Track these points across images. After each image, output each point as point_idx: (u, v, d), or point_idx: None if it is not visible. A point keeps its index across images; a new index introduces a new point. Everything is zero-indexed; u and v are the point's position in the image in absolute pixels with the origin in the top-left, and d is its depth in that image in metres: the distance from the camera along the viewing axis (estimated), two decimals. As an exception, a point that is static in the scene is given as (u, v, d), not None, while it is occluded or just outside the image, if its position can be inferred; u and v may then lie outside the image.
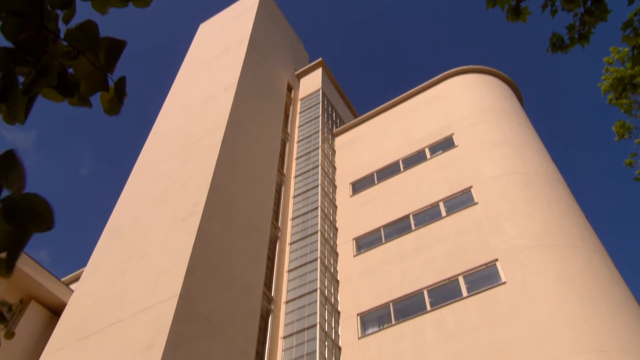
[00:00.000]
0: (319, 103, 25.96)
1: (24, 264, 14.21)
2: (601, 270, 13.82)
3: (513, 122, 20.22)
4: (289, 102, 26.58)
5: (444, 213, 17.30)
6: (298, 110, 26.79)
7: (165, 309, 12.13)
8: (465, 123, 20.32)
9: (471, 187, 17.44)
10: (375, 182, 20.66)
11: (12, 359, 13.20)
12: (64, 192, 59.52)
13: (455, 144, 19.65)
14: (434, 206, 17.81)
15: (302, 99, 27.41)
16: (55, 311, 14.84)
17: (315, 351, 14.43)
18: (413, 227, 17.59)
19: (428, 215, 17.71)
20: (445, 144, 20.06)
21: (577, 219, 15.76)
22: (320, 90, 26.84)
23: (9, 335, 4.08)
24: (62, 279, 16.12)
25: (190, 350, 11.82)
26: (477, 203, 16.76)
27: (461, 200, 17.33)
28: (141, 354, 11.39)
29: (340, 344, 15.56)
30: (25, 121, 2.71)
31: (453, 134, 20.16)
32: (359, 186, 21.19)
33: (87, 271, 15.86)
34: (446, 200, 17.68)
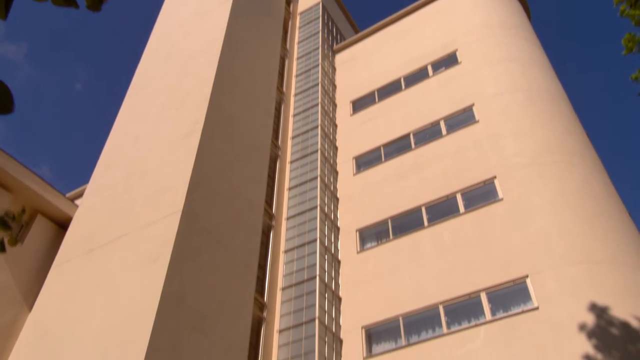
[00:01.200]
0: (318, 17, 25.01)
1: (28, 179, 14.38)
2: (598, 186, 14.00)
3: (520, 37, 19.57)
4: (287, 17, 25.61)
5: (444, 132, 17.24)
6: (297, 25, 25.87)
7: (168, 223, 12.44)
8: (470, 38, 19.69)
9: (473, 105, 17.24)
10: (376, 100, 20.39)
11: (24, 270, 13.73)
12: (60, 108, 58.96)
13: (459, 60, 19.17)
14: (435, 125, 17.71)
15: (301, 13, 26.39)
16: (62, 225, 15.24)
17: (315, 264, 14.99)
18: (413, 146, 17.60)
19: (428, 134, 17.66)
20: (449, 61, 19.57)
21: (578, 136, 15.72)
22: (320, 3, 25.76)
23: (13, 242, 4.20)
24: (66, 195, 16.38)
25: (194, 263, 12.26)
26: (478, 121, 16.66)
27: (462, 119, 17.21)
28: (147, 267, 11.83)
29: (339, 258, 16.13)
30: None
31: (457, 50, 19.60)
32: (359, 105, 20.95)
33: (90, 188, 16.11)
34: (447, 119, 17.55)
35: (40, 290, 13.52)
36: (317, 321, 13.64)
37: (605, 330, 10.58)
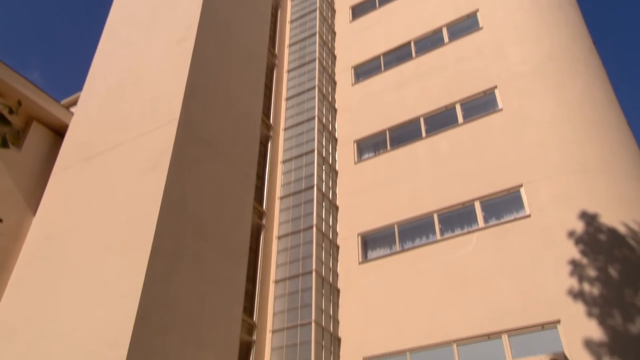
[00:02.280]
0: None
1: (21, 85, 14.09)
2: (599, 95, 13.84)
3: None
4: None
5: (446, 39, 16.70)
6: None
7: (165, 132, 12.38)
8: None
9: (477, 10, 16.55)
10: (377, 6, 19.53)
11: (24, 176, 13.87)
12: (45, 10, 56.38)
13: (465, -38, 18.10)
14: (437, 32, 17.12)
15: None
16: (58, 132, 15.18)
17: (313, 174, 15.15)
18: (413, 55, 17.13)
19: (430, 42, 17.12)
20: (454, -37, 18.48)
21: (584, 42, 15.27)
22: None
23: (16, 137, 4.17)
24: (61, 102, 16.16)
25: (193, 172, 12.36)
26: (481, 28, 16.08)
27: (465, 25, 16.60)
28: (147, 174, 11.94)
29: (337, 169, 16.28)
30: None
31: (463, -49, 18.44)
32: (359, 10, 20.09)
33: (84, 94, 15.86)
34: (450, 26, 16.93)
35: (42, 195, 13.77)
36: (314, 228, 14.04)
37: (593, 236, 10.95)
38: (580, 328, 10.00)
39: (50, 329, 10.61)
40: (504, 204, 12.69)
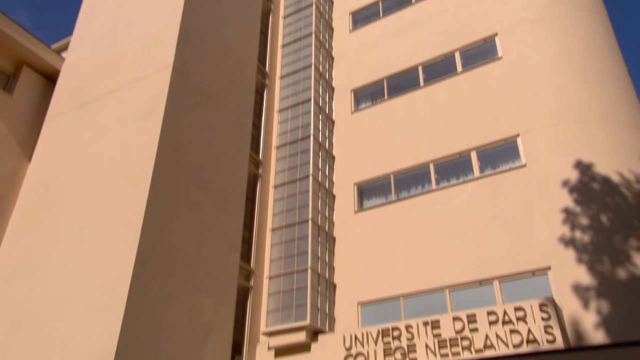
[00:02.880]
0: None
1: (9, 28, 13.71)
2: (601, 43, 13.58)
3: None
4: None
5: (447, -16, 16.18)
6: None
7: (159, 79, 12.18)
8: None
9: (480, -46, 15.96)
10: (376, -51, 18.77)
11: (17, 122, 13.73)
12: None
13: None
14: (438, -23, 16.55)
15: None
16: (50, 78, 14.91)
17: (309, 124, 15.05)
18: (413, 1, 16.66)
19: (430, -13, 16.59)
20: None
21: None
22: None
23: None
24: (51, 47, 15.77)
25: (188, 120, 12.26)
26: (484, -27, 15.56)
27: (467, -30, 16.04)
28: (141, 121, 11.83)
29: (333, 118, 16.16)
30: None
31: None
32: (358, -46, 19.32)
33: (75, 39, 15.47)
34: (451, -30, 16.36)
35: (37, 142, 13.69)
36: (310, 178, 14.09)
37: (587, 185, 11.04)
38: (569, 274, 10.25)
39: (51, 274, 10.80)
40: (500, 154, 12.71)
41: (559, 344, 9.25)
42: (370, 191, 14.45)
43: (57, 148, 13.12)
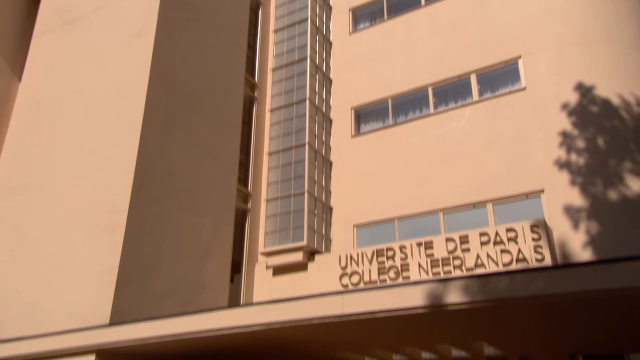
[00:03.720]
0: None
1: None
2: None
3: None
4: None
5: None
6: None
7: (149, -4, 11.66)
8: None
9: None
10: None
11: (3, 41, 13.30)
12: None
13: None
14: None
15: None
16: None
17: (306, 45, 14.62)
18: None
19: None
20: None
21: None
22: None
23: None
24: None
25: (181, 39, 11.88)
26: None
27: None
28: (132, 41, 11.47)
29: (331, 39, 15.69)
30: None
31: None
32: None
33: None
34: None
35: (26, 61, 13.33)
36: (307, 101, 13.90)
37: (586, 108, 10.95)
38: (562, 197, 10.41)
39: (50, 194, 10.93)
40: (500, 77, 12.48)
41: (548, 262, 9.58)
42: (367, 115, 14.33)
43: (47, 67, 12.80)
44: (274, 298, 8.92)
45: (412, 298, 6.46)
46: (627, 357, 9.18)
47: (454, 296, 6.21)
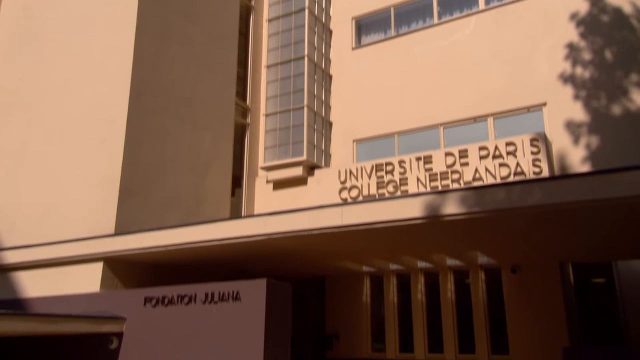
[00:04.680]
0: None
1: None
2: None
3: None
4: None
5: None
6: None
7: None
8: None
9: None
10: None
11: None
12: None
13: None
14: None
15: None
16: None
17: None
18: None
19: None
20: None
21: None
22: None
23: None
24: None
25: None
26: None
27: None
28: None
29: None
30: None
31: None
32: None
33: None
34: None
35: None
36: (306, 11, 13.35)
37: (595, 17, 10.52)
38: (564, 110, 10.31)
39: (48, 106, 10.81)
40: (508, -15, 11.89)
41: (545, 176, 9.67)
42: (368, 26, 13.82)
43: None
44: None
45: (410, 209, 6.59)
46: (614, 264, 9.56)
47: (451, 207, 6.34)
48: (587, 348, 8.94)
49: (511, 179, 9.90)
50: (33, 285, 8.97)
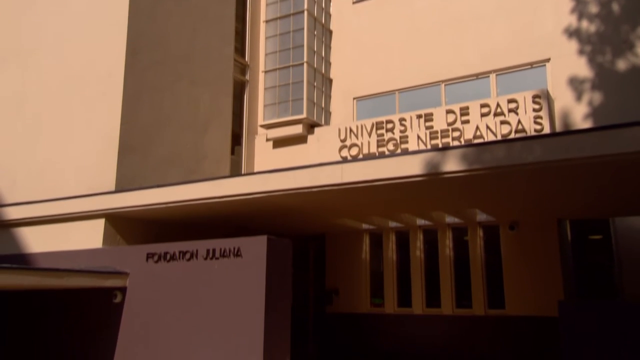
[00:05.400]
0: None
1: None
2: None
3: None
4: None
5: None
6: None
7: None
8: None
9: None
10: None
11: None
12: None
13: None
14: None
15: None
16: None
17: None
18: None
19: None
20: None
21: None
22: None
23: None
24: None
25: None
26: None
27: None
28: None
29: None
30: None
31: None
32: None
33: None
34: None
35: None
36: (306, -37, 12.93)
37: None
38: (568, 66, 10.15)
39: (44, 60, 10.65)
40: None
41: (546, 132, 9.62)
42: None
43: None
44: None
45: (410, 167, 6.58)
46: (612, 221, 9.64)
47: (451, 165, 6.32)
48: (582, 301, 9.13)
49: (512, 136, 9.85)
50: (36, 241, 9.08)
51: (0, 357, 8.76)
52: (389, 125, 11.37)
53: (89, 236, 8.49)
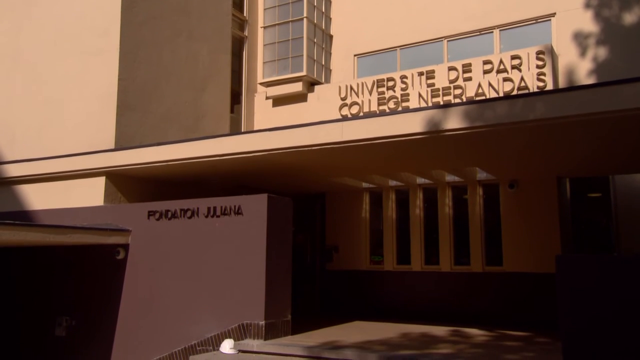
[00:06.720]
0: None
1: None
2: None
3: None
4: None
5: None
6: None
7: None
8: None
9: None
10: None
11: None
12: None
13: None
14: None
15: None
16: None
17: None
18: None
19: None
20: None
21: None
22: None
23: None
24: None
25: None
26: None
27: None
28: None
29: None
30: None
31: None
32: None
33: None
34: None
35: None
36: None
37: None
38: (573, 21, 9.92)
39: (37, 16, 10.42)
40: None
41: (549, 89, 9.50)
42: None
43: None
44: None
45: (411, 124, 6.54)
46: (612, 178, 9.65)
47: (453, 122, 6.28)
48: (580, 255, 9.26)
49: (514, 93, 9.73)
50: (38, 199, 9.13)
51: (6, 311, 8.96)
52: (390, 83, 11.22)
53: (90, 194, 8.53)
